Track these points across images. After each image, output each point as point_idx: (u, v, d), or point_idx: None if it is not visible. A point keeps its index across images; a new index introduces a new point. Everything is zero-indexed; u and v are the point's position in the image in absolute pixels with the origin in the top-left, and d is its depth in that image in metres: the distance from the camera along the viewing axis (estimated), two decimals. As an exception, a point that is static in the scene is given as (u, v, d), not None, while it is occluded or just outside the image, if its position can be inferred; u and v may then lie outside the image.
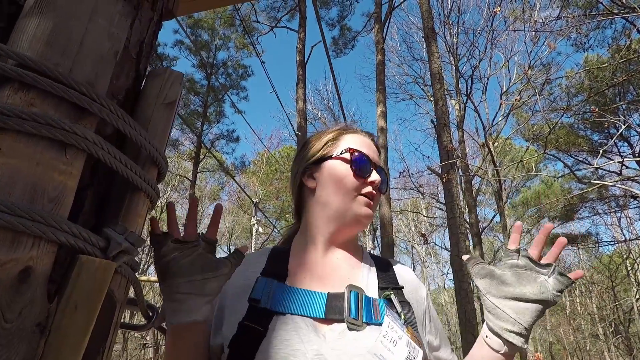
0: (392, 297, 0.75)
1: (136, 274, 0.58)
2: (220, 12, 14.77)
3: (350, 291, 0.73)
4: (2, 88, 0.45)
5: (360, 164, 0.82)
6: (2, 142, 0.42)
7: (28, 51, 0.46)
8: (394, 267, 0.86)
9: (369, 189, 0.81)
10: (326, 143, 0.87)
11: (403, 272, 0.85)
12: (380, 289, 0.77)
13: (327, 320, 0.69)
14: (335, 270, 0.79)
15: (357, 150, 0.83)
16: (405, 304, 0.76)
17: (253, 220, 6.37)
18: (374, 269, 0.83)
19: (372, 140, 0.91)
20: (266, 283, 0.73)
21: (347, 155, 0.83)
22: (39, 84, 0.44)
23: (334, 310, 0.69)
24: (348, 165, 0.82)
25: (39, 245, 0.42)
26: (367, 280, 0.79)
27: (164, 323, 0.70)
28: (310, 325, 0.67)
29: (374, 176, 0.82)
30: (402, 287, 0.79)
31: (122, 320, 0.59)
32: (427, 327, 0.80)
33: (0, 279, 0.39)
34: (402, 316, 0.72)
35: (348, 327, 0.68)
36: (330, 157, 0.84)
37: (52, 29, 0.47)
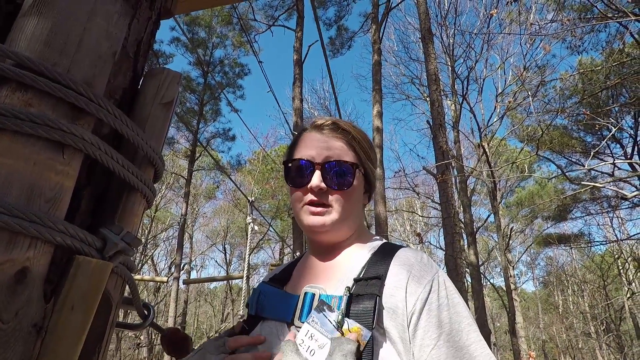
0: (345, 292, 0.66)
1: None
2: (218, 10, 14.68)
3: (306, 293, 0.72)
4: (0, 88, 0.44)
5: (293, 175, 0.80)
6: (0, 143, 0.42)
7: (26, 51, 0.46)
8: (397, 254, 0.73)
9: (309, 196, 0.78)
10: (285, 158, 0.86)
11: (396, 261, 0.71)
12: (355, 281, 0.69)
13: (292, 323, 0.71)
14: (318, 272, 0.80)
15: (291, 161, 0.81)
16: (366, 297, 0.65)
17: (248, 219, 6.34)
18: (363, 261, 0.75)
19: (325, 129, 0.82)
20: (257, 290, 0.82)
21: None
22: (37, 84, 0.44)
23: (296, 313, 0.71)
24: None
25: (35, 246, 0.42)
26: (342, 275, 0.73)
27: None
28: (281, 330, 0.72)
29: (312, 181, 0.76)
30: (378, 277, 0.67)
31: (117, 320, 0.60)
32: (415, 335, 0.63)
33: (-3, 280, 0.39)
34: (339, 316, 0.62)
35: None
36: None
37: (50, 28, 0.47)
